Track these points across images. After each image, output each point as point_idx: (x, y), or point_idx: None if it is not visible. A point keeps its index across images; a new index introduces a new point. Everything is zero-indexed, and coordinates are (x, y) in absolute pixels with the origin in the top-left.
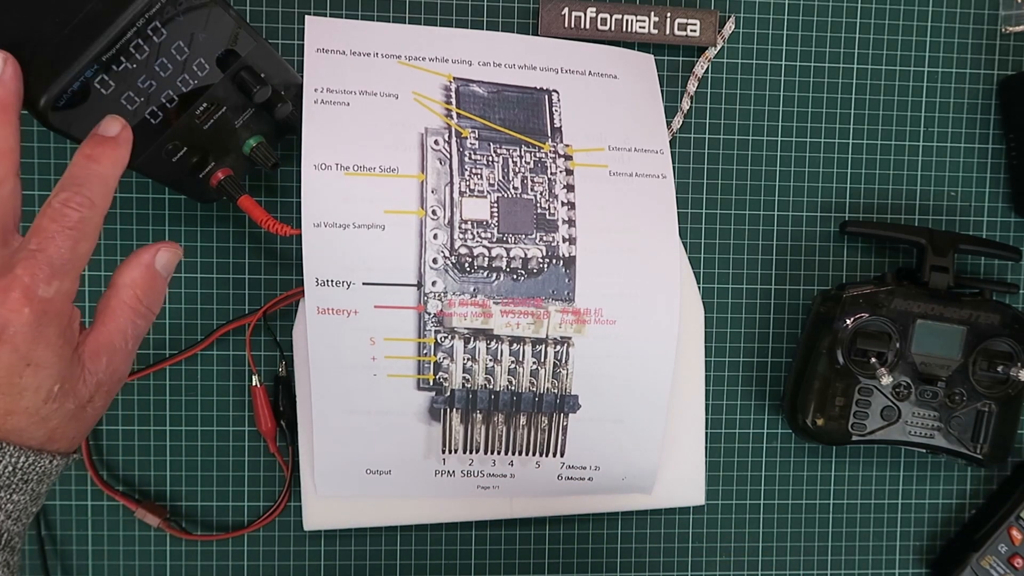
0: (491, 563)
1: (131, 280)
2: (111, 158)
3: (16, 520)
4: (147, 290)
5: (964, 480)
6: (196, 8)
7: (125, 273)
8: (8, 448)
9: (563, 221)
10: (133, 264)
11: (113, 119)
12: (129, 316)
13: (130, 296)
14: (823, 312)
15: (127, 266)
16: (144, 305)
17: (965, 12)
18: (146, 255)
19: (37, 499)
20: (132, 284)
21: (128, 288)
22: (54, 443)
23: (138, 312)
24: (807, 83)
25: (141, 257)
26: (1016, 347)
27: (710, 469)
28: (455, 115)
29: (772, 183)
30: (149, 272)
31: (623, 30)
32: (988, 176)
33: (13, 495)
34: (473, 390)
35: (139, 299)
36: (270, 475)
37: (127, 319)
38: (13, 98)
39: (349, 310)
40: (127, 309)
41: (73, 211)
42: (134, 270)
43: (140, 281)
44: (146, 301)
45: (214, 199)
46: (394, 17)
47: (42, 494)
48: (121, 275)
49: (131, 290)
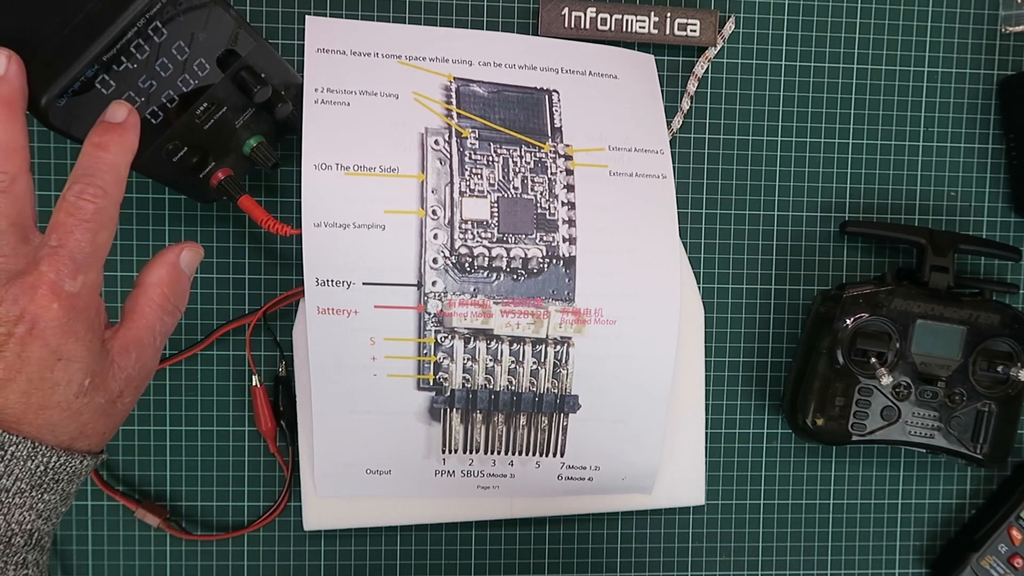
0: (491, 563)
1: (158, 278)
2: (119, 144)
3: (47, 520)
4: (173, 288)
5: (964, 480)
6: (196, 8)
7: (152, 272)
8: (40, 448)
9: (563, 221)
10: (159, 263)
11: (119, 104)
12: (157, 313)
13: (158, 294)
14: (823, 312)
15: (153, 265)
16: (171, 302)
17: (965, 12)
18: (171, 254)
19: (67, 499)
20: (159, 282)
21: (156, 286)
22: (85, 438)
23: (165, 309)
24: (807, 83)
25: (166, 256)
26: (1016, 347)
27: (710, 469)
28: (455, 115)
29: (772, 183)
30: (175, 271)
31: (623, 30)
32: (988, 176)
33: (44, 494)
34: (473, 390)
35: (166, 296)
36: (270, 475)
37: (155, 316)
38: (18, 95)
39: (349, 310)
40: (155, 306)
41: (88, 202)
42: (160, 268)
43: (166, 279)
44: (173, 299)
45: (214, 199)
46: (394, 17)
47: (71, 494)
48: (148, 274)
49: (158, 288)
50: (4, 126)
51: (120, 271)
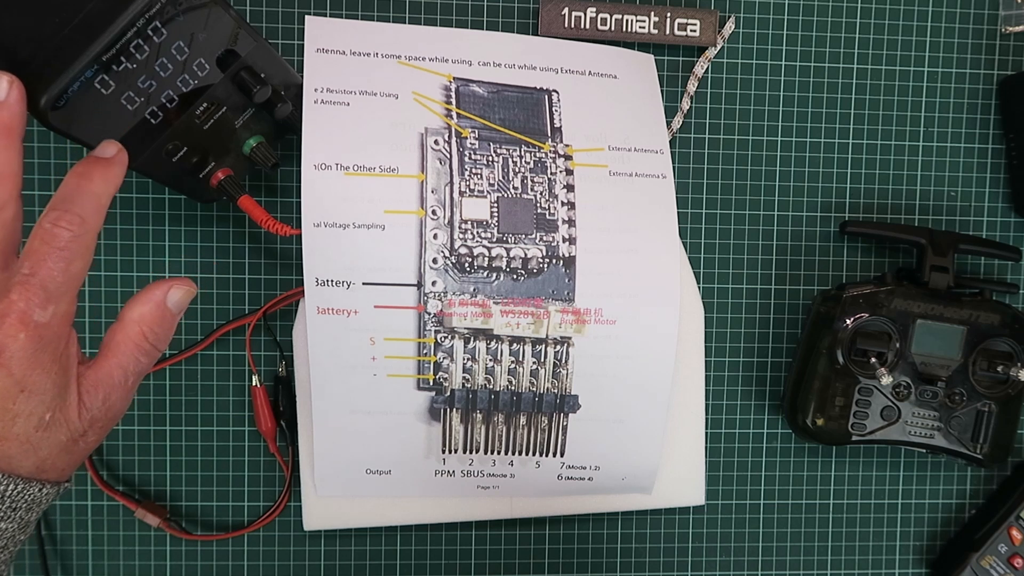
0: (491, 563)
1: (139, 316)
2: (103, 176)
3: (3, 548)
4: (154, 327)
5: (964, 480)
6: (196, 8)
7: (135, 308)
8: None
9: (563, 221)
10: (143, 299)
11: (109, 143)
12: (133, 352)
13: (136, 332)
14: (823, 312)
15: (137, 301)
16: (150, 342)
17: (965, 12)
18: (158, 291)
19: (25, 527)
20: (140, 320)
21: (135, 324)
22: (44, 473)
23: (142, 349)
24: (807, 83)
25: (152, 293)
26: (1016, 347)
27: (710, 469)
28: (455, 115)
29: (772, 183)
30: (160, 309)
31: (623, 30)
32: (988, 176)
33: (0, 523)
34: (473, 390)
35: (145, 336)
36: (270, 475)
37: (130, 355)
38: (17, 121)
39: (349, 310)
40: (132, 345)
41: (63, 231)
42: (144, 305)
43: (148, 317)
44: (152, 338)
45: (214, 199)
46: (394, 17)
47: (31, 522)
48: (131, 309)
49: (138, 326)
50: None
51: (120, 271)
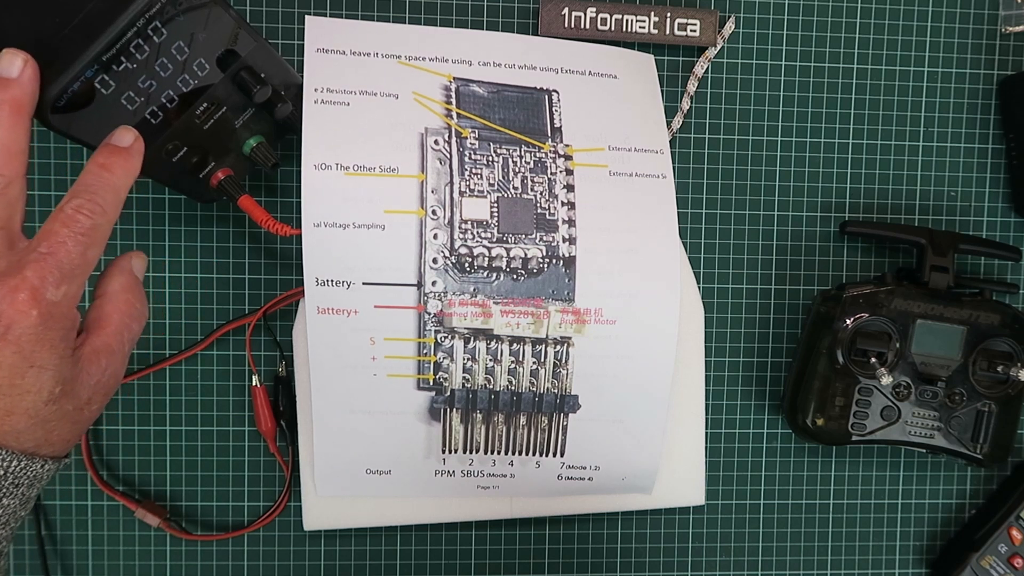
0: (491, 563)
1: (121, 285)
2: (123, 168)
3: (4, 524)
4: (136, 294)
5: (964, 480)
6: (196, 8)
7: (114, 280)
8: (0, 452)
9: (563, 221)
10: (118, 271)
11: (126, 130)
12: (125, 320)
13: (123, 300)
14: (823, 312)
15: (113, 274)
16: (136, 308)
17: (965, 12)
18: (126, 262)
19: (26, 503)
20: (124, 289)
21: (121, 293)
22: (50, 445)
23: (132, 315)
24: (807, 83)
25: (123, 264)
26: (1016, 347)
27: (710, 469)
28: (455, 115)
29: (772, 183)
30: (132, 277)
31: (623, 30)
32: (988, 176)
33: (3, 499)
34: (473, 390)
35: (132, 303)
36: (270, 475)
37: (123, 322)
38: (28, 99)
39: (349, 310)
40: (122, 314)
41: (85, 217)
42: (121, 276)
43: (128, 286)
44: (138, 304)
45: (214, 199)
46: (394, 17)
47: (31, 498)
48: (110, 282)
49: (124, 295)
50: (8, 129)
51: None
